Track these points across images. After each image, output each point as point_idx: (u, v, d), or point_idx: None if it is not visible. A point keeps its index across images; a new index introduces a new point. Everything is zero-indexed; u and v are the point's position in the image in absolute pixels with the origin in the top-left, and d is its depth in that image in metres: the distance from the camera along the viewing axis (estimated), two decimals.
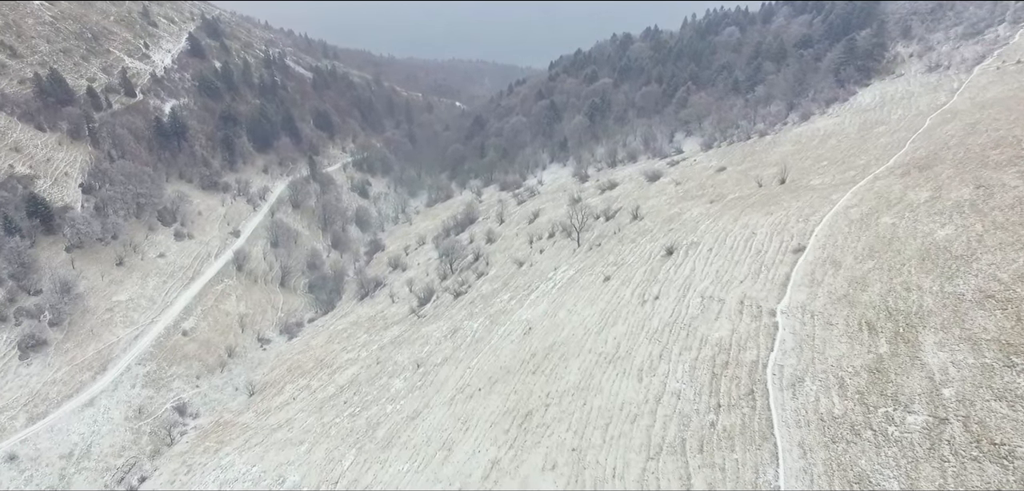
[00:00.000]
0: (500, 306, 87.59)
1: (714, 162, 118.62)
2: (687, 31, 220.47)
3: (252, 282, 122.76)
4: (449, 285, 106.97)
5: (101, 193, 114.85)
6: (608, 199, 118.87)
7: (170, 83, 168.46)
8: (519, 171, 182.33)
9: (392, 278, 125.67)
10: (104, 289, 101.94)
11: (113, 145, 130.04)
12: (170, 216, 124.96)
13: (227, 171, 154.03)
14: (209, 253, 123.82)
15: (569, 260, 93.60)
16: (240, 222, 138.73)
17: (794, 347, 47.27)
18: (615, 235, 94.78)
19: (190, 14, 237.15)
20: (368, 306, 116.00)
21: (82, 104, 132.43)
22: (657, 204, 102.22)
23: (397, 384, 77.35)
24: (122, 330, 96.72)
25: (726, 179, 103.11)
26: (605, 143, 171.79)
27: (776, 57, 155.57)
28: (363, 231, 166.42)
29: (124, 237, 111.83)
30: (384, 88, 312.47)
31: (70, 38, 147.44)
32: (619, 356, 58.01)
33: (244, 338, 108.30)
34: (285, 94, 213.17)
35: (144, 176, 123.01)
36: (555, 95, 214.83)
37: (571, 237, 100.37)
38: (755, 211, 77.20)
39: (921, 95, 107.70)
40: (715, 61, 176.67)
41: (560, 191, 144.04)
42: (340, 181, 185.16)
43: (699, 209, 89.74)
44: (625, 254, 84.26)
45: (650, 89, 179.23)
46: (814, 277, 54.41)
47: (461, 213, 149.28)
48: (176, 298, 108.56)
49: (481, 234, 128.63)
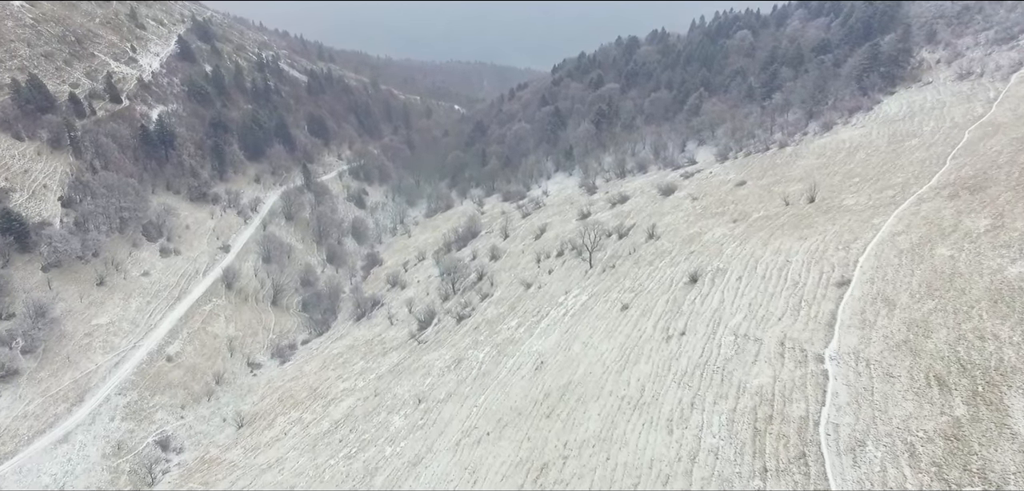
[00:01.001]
0: (507, 334, 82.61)
1: (732, 175, 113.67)
2: (696, 34, 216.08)
3: (242, 301, 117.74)
4: (451, 307, 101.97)
5: (82, 207, 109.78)
6: (620, 214, 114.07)
7: (158, 88, 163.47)
8: (522, 180, 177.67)
9: (390, 297, 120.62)
10: (83, 312, 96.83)
11: (96, 155, 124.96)
12: (156, 231, 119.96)
13: (217, 181, 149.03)
14: (197, 270, 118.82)
15: (581, 283, 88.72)
16: (230, 236, 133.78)
17: (850, 402, 42.33)
18: (630, 256, 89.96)
19: (180, 16, 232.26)
20: (365, 328, 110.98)
21: (64, 111, 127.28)
22: (674, 221, 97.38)
23: (397, 422, 72.34)
24: (102, 356, 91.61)
25: (747, 195, 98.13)
26: (613, 152, 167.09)
27: (793, 62, 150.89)
28: (360, 243, 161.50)
29: (106, 254, 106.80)
30: (381, 92, 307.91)
31: (52, 41, 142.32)
32: (644, 402, 53.08)
33: (233, 363, 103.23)
34: (279, 99, 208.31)
35: (128, 188, 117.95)
36: (559, 101, 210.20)
37: (582, 257, 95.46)
38: (786, 234, 72.40)
39: (954, 105, 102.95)
40: (728, 66, 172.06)
41: (567, 204, 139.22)
42: (336, 190, 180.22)
43: (722, 229, 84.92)
44: (643, 279, 79.39)
45: (659, 95, 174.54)
46: (865, 317, 49.49)
47: (462, 226, 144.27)
48: (161, 320, 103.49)
49: (484, 250, 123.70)
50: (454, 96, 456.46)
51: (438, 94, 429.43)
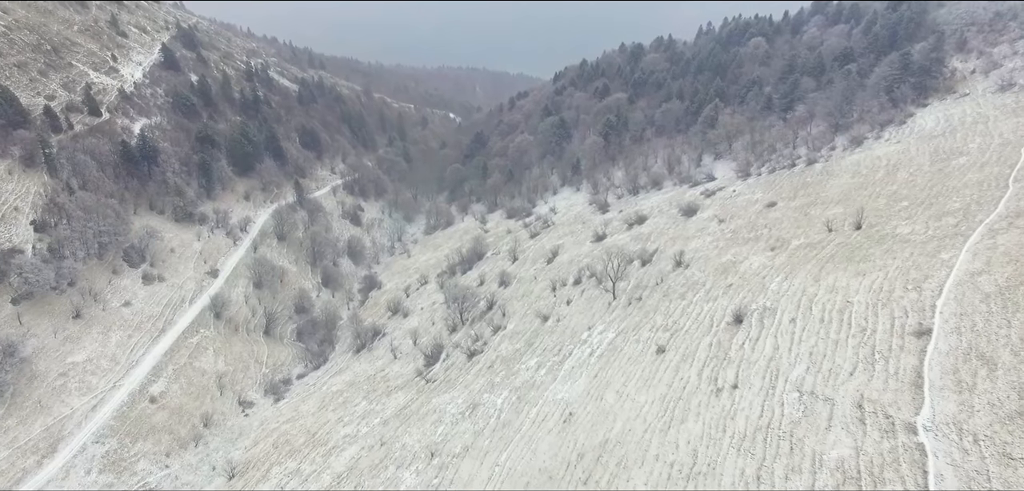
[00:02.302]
0: (527, 376, 76.52)
1: (759, 195, 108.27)
2: (705, 42, 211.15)
3: (232, 331, 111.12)
4: (461, 340, 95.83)
5: (57, 231, 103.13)
6: (639, 236, 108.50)
7: (141, 99, 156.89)
8: (527, 195, 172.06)
9: (392, 326, 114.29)
10: (57, 349, 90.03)
11: (73, 173, 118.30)
12: (138, 255, 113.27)
13: (204, 200, 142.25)
14: (183, 298, 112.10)
15: (605, 317, 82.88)
16: (219, 259, 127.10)
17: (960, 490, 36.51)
18: (657, 286, 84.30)
19: (164, 23, 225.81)
20: (366, 361, 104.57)
21: (38, 126, 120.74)
22: (702, 247, 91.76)
23: (408, 479, 66.01)
24: (77, 399, 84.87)
25: (781, 218, 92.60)
26: (623, 166, 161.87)
27: (814, 72, 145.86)
28: (356, 264, 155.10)
29: (83, 283, 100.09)
30: (375, 100, 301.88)
31: (26, 50, 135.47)
32: (699, 471, 47.23)
33: (223, 402, 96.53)
34: (269, 110, 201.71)
35: (108, 210, 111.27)
36: (563, 110, 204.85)
37: (603, 286, 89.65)
38: (839, 268, 66.78)
39: (999, 119, 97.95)
40: (743, 75, 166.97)
41: (578, 223, 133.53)
42: (330, 207, 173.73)
43: (759, 259, 79.33)
44: (676, 315, 73.66)
45: (671, 106, 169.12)
46: (960, 378, 43.77)
47: (466, 247, 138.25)
48: (143, 355, 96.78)
49: (493, 275, 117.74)
50: (448, 103, 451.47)
51: (432, 102, 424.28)
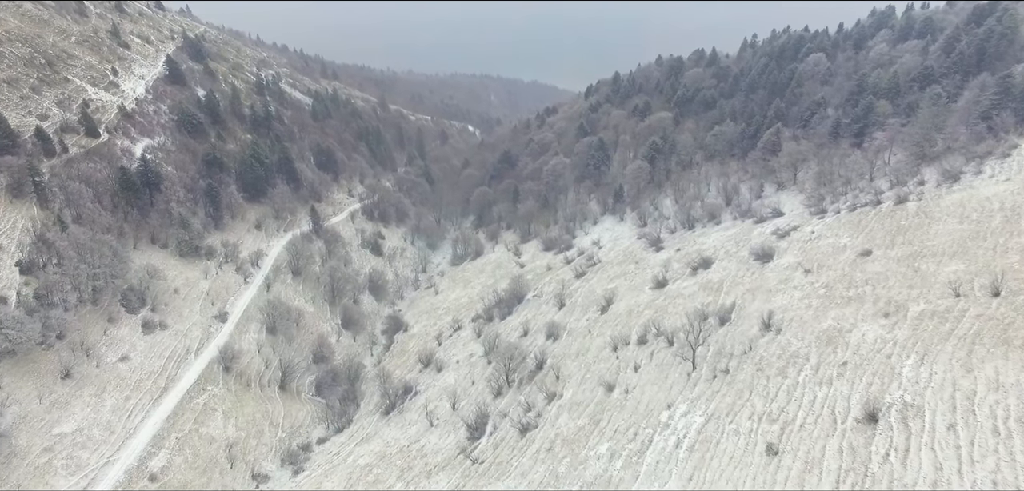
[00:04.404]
0: (599, 468, 65.67)
1: (846, 239, 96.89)
2: (753, 56, 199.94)
3: (244, 388, 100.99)
4: (508, 408, 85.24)
5: (45, 274, 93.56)
6: (708, 286, 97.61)
7: (143, 117, 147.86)
8: (564, 224, 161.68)
9: (425, 382, 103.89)
10: (42, 417, 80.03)
11: (66, 203, 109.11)
12: (137, 299, 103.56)
13: (211, 230, 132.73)
14: (188, 349, 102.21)
15: (686, 393, 71.98)
16: (228, 300, 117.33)
17: None
18: (746, 355, 73.39)
19: (170, 32, 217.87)
20: (397, 426, 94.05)
21: (28, 150, 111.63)
22: (791, 306, 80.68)
23: None
24: (65, 480, 74.81)
25: (884, 273, 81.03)
26: (671, 194, 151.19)
27: (889, 94, 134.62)
28: (378, 300, 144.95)
29: (74, 336, 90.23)
30: (391, 113, 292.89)
31: (17, 64, 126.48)
32: None
33: (234, 476, 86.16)
34: (281, 127, 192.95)
35: (104, 247, 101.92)
36: (600, 130, 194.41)
37: (680, 352, 78.74)
38: (994, 353, 55.50)
39: None
40: (803, 95, 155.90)
41: (630, 262, 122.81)
42: (348, 235, 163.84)
43: (873, 329, 68.07)
44: (781, 400, 62.65)
45: (724, 128, 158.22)
46: None
47: (503, 285, 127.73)
48: (142, 421, 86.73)
49: (538, 324, 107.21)
50: (465, 114, 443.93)
51: (448, 112, 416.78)
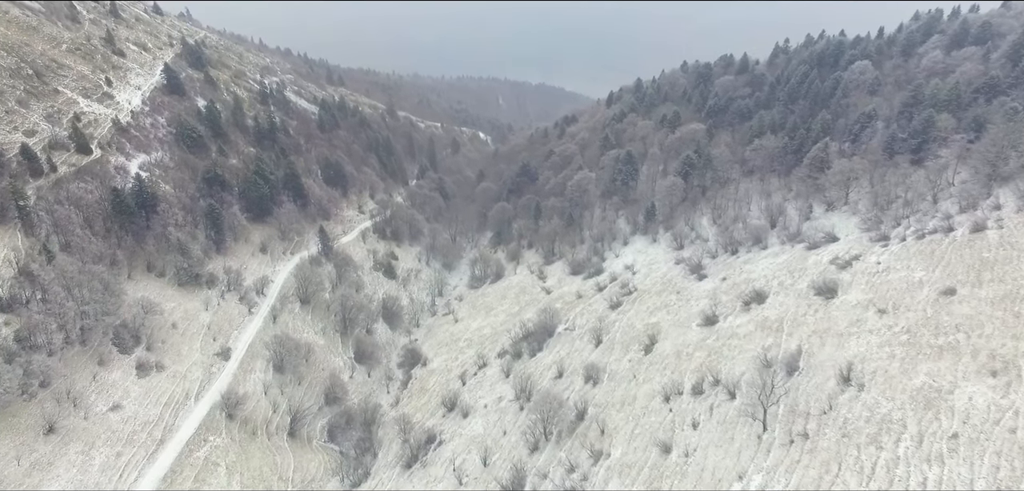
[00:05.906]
0: None
1: (919, 272, 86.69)
2: (789, 63, 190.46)
3: (250, 437, 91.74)
4: (548, 467, 75.96)
5: (29, 313, 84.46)
6: (764, 325, 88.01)
7: (139, 131, 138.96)
8: (591, 245, 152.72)
9: (450, 429, 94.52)
10: (21, 481, 70.66)
11: (54, 229, 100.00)
12: (131, 337, 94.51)
13: (212, 255, 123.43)
14: (187, 393, 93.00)
15: (760, 461, 62.58)
16: (231, 334, 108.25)
17: None
18: (825, 416, 63.96)
19: (168, 38, 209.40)
20: (421, 482, 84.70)
21: (13, 170, 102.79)
22: (869, 354, 70.92)
23: None
24: None
25: (976, 317, 70.91)
26: (708, 213, 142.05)
27: (950, 106, 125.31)
28: (393, 329, 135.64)
29: (59, 384, 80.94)
30: (400, 121, 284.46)
31: (2, 76, 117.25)
32: None
33: None
34: (287, 139, 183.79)
35: (95, 280, 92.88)
36: (626, 142, 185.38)
37: (745, 407, 69.56)
38: None
39: None
40: (849, 107, 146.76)
41: (670, 292, 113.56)
42: (359, 257, 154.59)
43: (980, 391, 58.16)
44: (881, 480, 52.98)
45: (765, 141, 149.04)
46: None
47: (530, 316, 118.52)
48: (136, 482, 77.32)
49: (574, 364, 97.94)
50: (475, 120, 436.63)
51: (458, 118, 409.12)
